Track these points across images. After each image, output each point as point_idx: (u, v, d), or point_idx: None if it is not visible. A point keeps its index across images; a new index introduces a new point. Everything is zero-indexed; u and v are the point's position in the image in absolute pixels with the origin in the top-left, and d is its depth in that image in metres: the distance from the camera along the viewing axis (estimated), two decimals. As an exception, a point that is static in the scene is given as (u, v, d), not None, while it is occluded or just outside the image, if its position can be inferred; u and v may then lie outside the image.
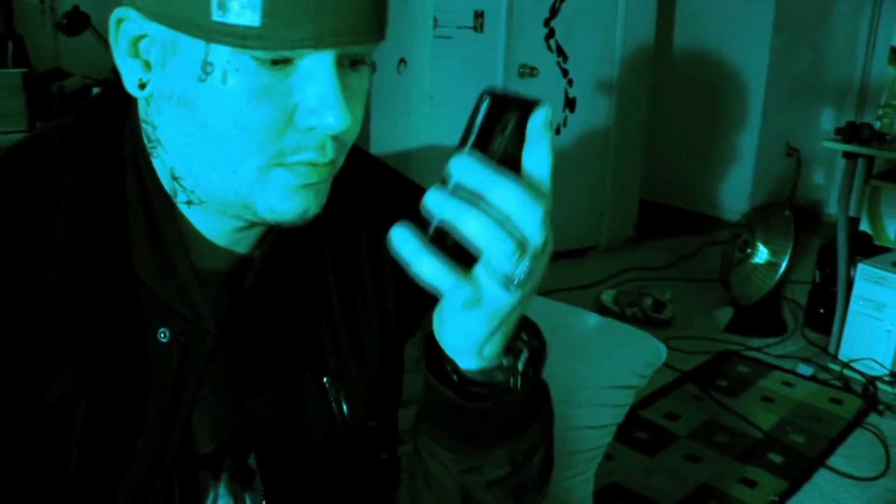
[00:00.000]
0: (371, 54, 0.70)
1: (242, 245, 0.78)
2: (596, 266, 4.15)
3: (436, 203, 0.57)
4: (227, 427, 0.83)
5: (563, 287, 3.60)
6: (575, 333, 1.47)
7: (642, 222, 4.66)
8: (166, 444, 0.77)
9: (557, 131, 4.06)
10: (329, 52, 0.65)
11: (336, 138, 0.68)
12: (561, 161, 4.72)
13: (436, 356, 0.70)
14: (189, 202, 0.73)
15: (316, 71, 0.65)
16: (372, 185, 0.90)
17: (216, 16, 0.61)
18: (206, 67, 0.64)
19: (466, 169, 0.57)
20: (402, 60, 3.68)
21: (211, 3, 0.61)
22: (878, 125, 3.09)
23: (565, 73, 4.03)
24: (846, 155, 3.08)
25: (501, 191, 0.57)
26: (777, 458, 2.53)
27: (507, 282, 0.60)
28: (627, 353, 1.43)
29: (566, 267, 4.09)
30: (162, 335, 0.74)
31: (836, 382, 3.05)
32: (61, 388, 0.70)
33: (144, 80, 0.68)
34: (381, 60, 3.76)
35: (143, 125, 0.73)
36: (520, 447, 0.77)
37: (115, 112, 0.76)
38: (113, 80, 0.72)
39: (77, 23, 3.03)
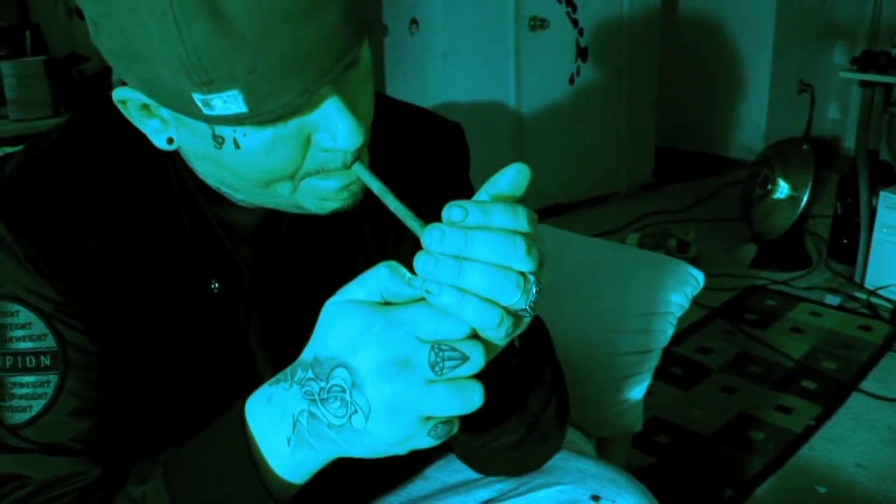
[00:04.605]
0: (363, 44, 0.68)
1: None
2: (617, 212, 4.19)
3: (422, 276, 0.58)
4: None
5: (587, 234, 3.64)
6: (616, 265, 1.53)
7: (659, 167, 4.69)
8: (242, 385, 0.83)
9: (571, 81, 4.08)
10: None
11: None
12: (575, 110, 4.70)
13: None
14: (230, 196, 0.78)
15: (317, 106, 0.65)
16: (399, 130, 0.92)
17: (206, 111, 0.62)
18: (217, 139, 0.66)
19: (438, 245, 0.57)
20: (414, 21, 3.70)
21: (197, 103, 0.61)
22: (894, 52, 3.09)
23: (575, 23, 4.03)
24: (863, 84, 3.09)
25: (472, 271, 0.57)
26: (811, 385, 2.58)
27: (511, 333, 0.59)
28: (667, 281, 1.48)
29: (588, 214, 4.14)
30: (213, 286, 0.80)
31: (864, 310, 3.09)
32: (136, 334, 0.77)
33: (171, 136, 0.70)
34: (392, 23, 3.78)
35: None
36: (530, 409, 0.82)
37: None
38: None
39: (93, 5, 3.06)
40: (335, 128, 0.65)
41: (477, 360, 0.57)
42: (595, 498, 0.92)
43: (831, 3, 4.89)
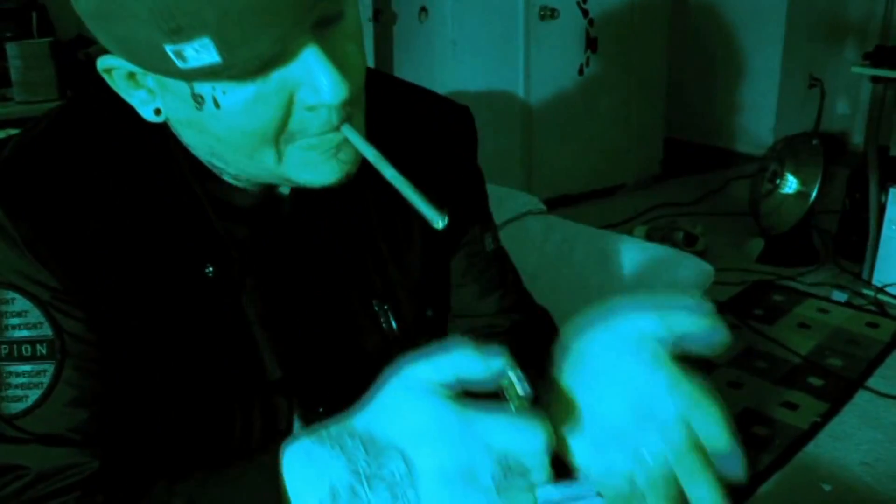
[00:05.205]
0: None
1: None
2: (625, 204, 4.17)
3: None
4: (289, 356, 0.87)
5: (594, 226, 3.63)
6: (626, 259, 1.51)
7: (668, 159, 4.66)
8: (244, 371, 0.82)
9: (580, 71, 4.06)
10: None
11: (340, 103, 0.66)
12: (584, 101, 4.68)
13: None
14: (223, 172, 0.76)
15: (295, 57, 0.64)
16: (407, 111, 0.91)
17: (181, 64, 0.61)
18: (196, 99, 0.65)
19: None
20: (423, 9, 3.67)
21: (170, 55, 0.60)
22: (907, 48, 3.07)
23: (585, 13, 4.00)
24: (875, 79, 3.06)
25: None
26: (817, 382, 2.56)
27: None
28: (678, 275, 1.47)
29: (596, 206, 4.12)
30: (208, 270, 0.78)
31: (871, 307, 3.07)
32: (134, 321, 0.75)
33: (157, 107, 0.69)
34: (401, 10, 3.75)
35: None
36: None
37: None
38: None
39: (100, -13, 3.05)
40: (317, 80, 0.63)
41: (538, 476, 0.57)
42: (602, 494, 0.91)
43: (844, -4, 4.86)
